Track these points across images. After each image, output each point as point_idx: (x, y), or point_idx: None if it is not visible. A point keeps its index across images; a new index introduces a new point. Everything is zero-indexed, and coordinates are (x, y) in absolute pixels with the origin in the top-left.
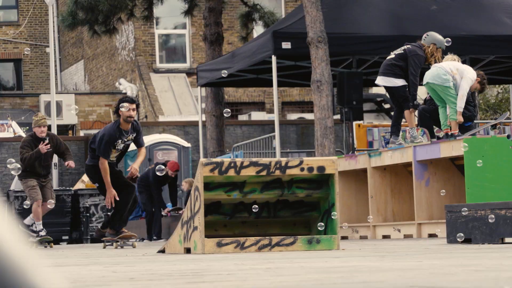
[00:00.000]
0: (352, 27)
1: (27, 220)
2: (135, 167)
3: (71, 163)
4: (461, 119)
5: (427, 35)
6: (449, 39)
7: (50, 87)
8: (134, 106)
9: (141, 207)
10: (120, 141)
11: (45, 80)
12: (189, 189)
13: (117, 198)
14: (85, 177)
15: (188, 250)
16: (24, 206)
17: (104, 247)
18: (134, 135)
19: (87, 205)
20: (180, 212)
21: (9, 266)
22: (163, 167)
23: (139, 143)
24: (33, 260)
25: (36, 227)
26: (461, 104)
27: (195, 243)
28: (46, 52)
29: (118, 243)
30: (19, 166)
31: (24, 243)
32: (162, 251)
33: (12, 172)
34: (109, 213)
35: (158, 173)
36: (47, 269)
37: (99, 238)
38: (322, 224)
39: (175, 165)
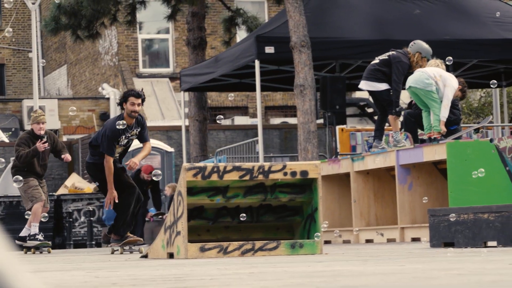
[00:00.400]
0: (335, 32)
1: (23, 232)
2: (134, 161)
3: (67, 156)
4: (444, 129)
5: (414, 43)
6: (451, 58)
7: (33, 92)
8: (139, 101)
9: None
10: (123, 136)
11: (28, 85)
12: (172, 194)
13: (116, 200)
14: (68, 182)
15: (171, 255)
16: (26, 217)
17: (112, 253)
18: (139, 129)
19: (70, 210)
20: (163, 217)
21: None
22: (159, 172)
23: (143, 138)
24: (14, 266)
25: (31, 230)
26: (444, 113)
27: (178, 248)
28: (29, 57)
29: (125, 249)
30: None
31: (5, 248)
32: (145, 256)
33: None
34: (92, 218)
35: (154, 178)
36: (28, 274)
37: (106, 244)
38: (319, 234)
39: (149, 168)
